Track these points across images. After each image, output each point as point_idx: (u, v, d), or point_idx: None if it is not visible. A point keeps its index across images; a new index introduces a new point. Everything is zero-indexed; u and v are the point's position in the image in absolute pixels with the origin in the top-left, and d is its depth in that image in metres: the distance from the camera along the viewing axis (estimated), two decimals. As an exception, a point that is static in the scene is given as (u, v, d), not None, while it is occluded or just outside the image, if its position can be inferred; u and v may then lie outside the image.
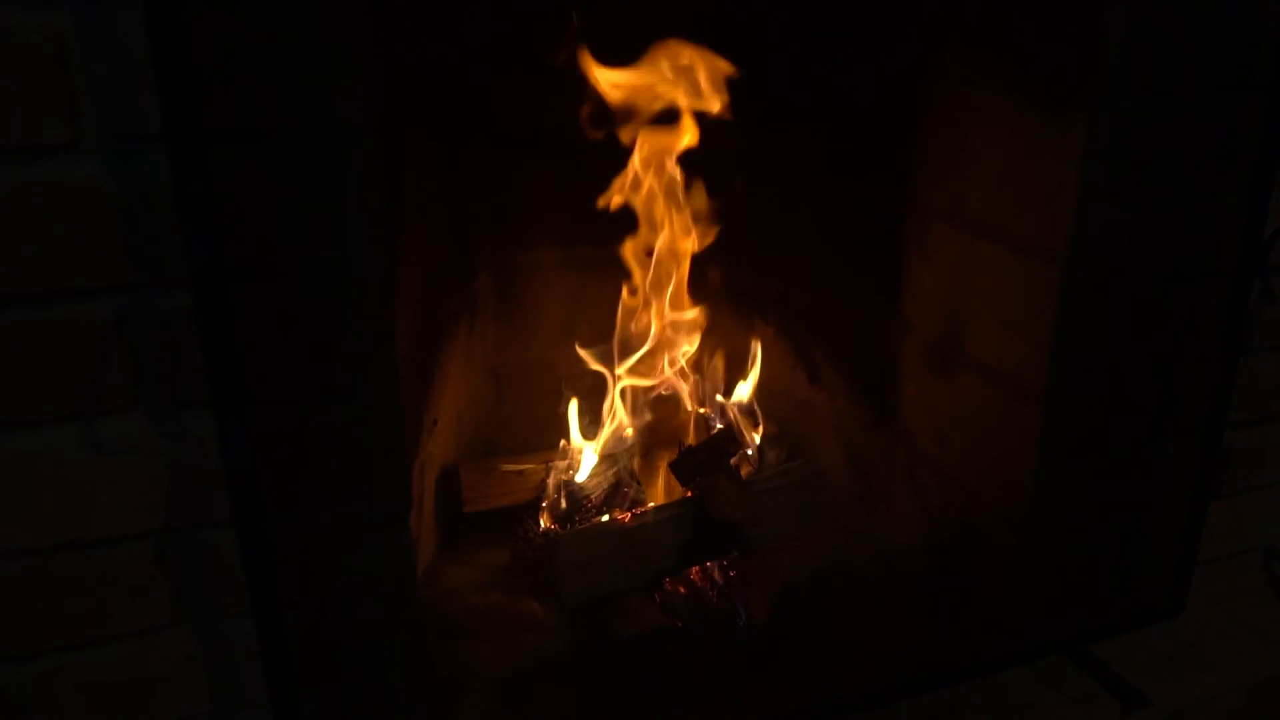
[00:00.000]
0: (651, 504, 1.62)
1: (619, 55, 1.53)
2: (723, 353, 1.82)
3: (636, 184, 1.65)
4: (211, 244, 0.88)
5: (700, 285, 1.77)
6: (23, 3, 0.83)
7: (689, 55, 1.55)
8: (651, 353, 1.74)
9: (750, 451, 1.77)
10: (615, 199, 1.65)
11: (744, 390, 1.80)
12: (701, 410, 1.77)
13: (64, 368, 0.93)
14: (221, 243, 0.90)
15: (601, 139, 1.57)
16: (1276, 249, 1.33)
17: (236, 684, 1.10)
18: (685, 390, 1.77)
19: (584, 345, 1.73)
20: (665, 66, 1.54)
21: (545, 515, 1.65)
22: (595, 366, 1.72)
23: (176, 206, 0.89)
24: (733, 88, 1.57)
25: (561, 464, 1.71)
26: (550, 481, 1.69)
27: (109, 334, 0.93)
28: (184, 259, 0.91)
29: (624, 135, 1.59)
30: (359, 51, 0.92)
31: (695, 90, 1.57)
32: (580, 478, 1.68)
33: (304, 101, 0.92)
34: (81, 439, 0.95)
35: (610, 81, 1.53)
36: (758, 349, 1.82)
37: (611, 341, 1.73)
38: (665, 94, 1.57)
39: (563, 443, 1.74)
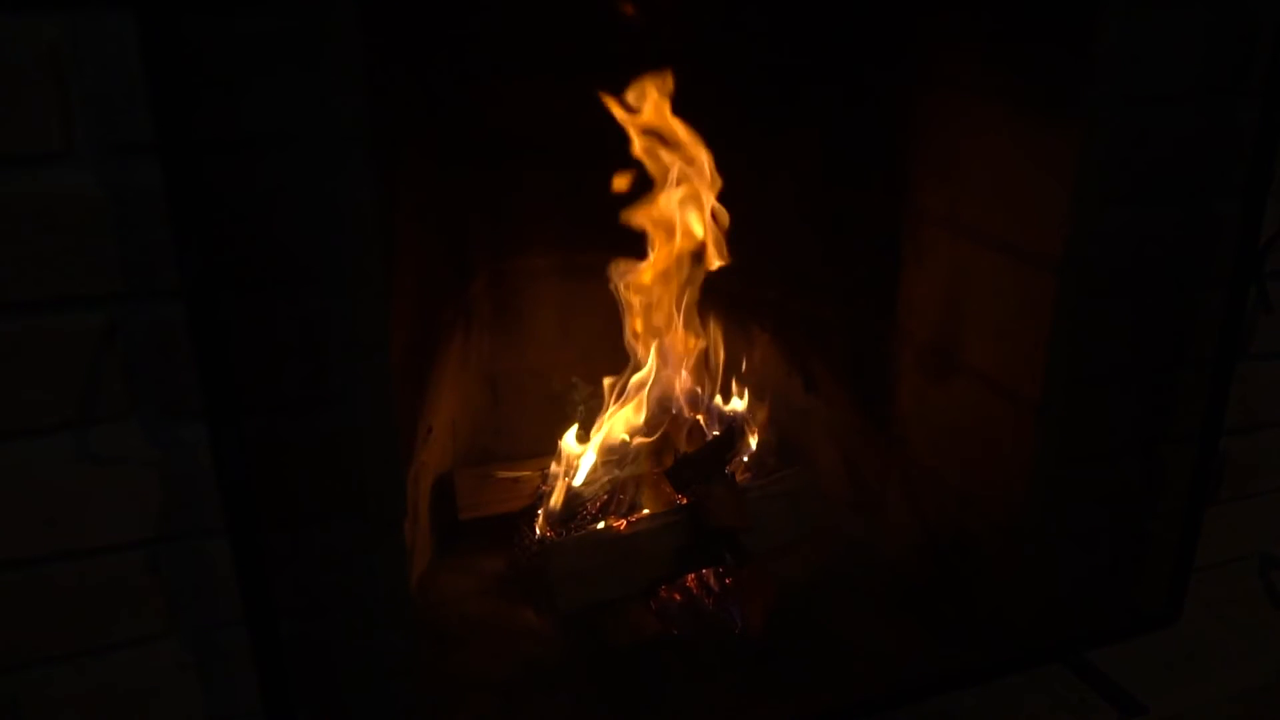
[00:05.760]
0: (647, 511, 1.62)
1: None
2: (720, 359, 1.82)
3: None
4: (204, 253, 0.88)
5: (699, 291, 1.77)
6: (14, 11, 0.83)
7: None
8: (651, 360, 1.73)
9: (746, 458, 1.77)
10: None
11: (740, 397, 1.80)
12: (698, 417, 1.77)
13: (56, 377, 0.93)
14: (214, 252, 0.90)
15: (597, 147, 1.57)
16: (1272, 255, 1.33)
17: (231, 694, 1.09)
18: (682, 397, 1.77)
19: (580, 352, 1.73)
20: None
21: (541, 522, 1.64)
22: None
23: (169, 216, 0.90)
24: (731, 95, 1.58)
25: (557, 471, 1.71)
26: (546, 488, 1.69)
27: (101, 343, 0.93)
28: (176, 268, 0.91)
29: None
30: (352, 60, 0.92)
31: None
32: (576, 484, 1.67)
33: (297, 111, 0.92)
34: (74, 449, 0.95)
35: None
36: (748, 356, 1.82)
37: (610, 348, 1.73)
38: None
39: (558, 449, 1.74)
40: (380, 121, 1.07)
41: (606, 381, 1.73)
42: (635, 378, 1.72)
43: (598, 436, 1.72)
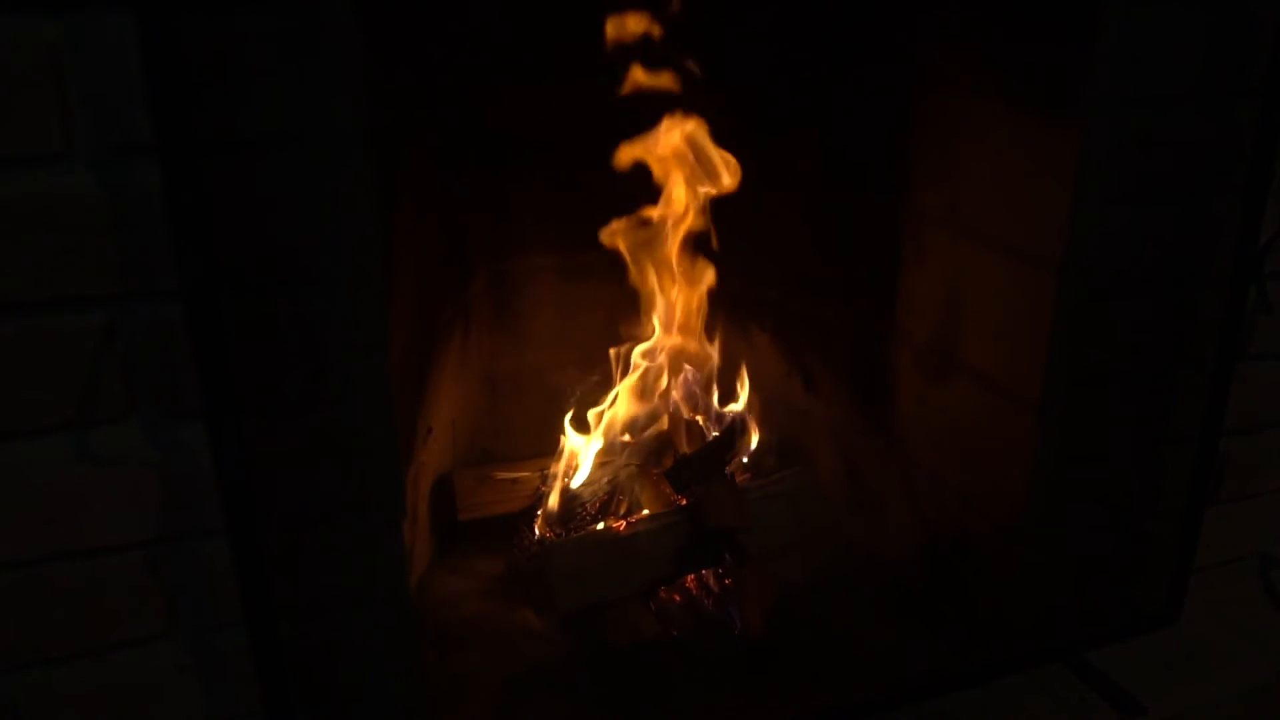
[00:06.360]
0: (646, 512, 1.62)
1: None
2: (719, 360, 1.82)
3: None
4: (203, 254, 0.88)
5: (700, 292, 1.77)
6: (13, 11, 0.83)
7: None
8: (651, 360, 1.73)
9: (746, 459, 1.77)
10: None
11: (740, 397, 1.80)
12: (698, 418, 1.77)
13: (56, 378, 0.93)
14: (213, 253, 0.90)
15: (597, 147, 1.57)
16: (1272, 256, 1.33)
17: (230, 695, 1.09)
18: (681, 398, 1.76)
19: (580, 352, 1.73)
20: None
21: (540, 523, 1.64)
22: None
23: (168, 217, 0.90)
24: (730, 95, 1.58)
25: (556, 471, 1.71)
26: (545, 489, 1.69)
27: (100, 344, 0.92)
28: (176, 269, 0.91)
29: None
30: (352, 61, 0.92)
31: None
32: (575, 485, 1.67)
33: (296, 111, 0.91)
34: (73, 449, 0.95)
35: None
36: (747, 356, 1.82)
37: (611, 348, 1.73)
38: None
39: (558, 450, 1.73)
40: (380, 121, 1.07)
41: (613, 352, 1.73)
42: (641, 347, 1.72)
43: (598, 438, 1.71)
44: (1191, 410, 1.40)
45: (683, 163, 1.63)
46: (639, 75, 1.56)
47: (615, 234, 1.65)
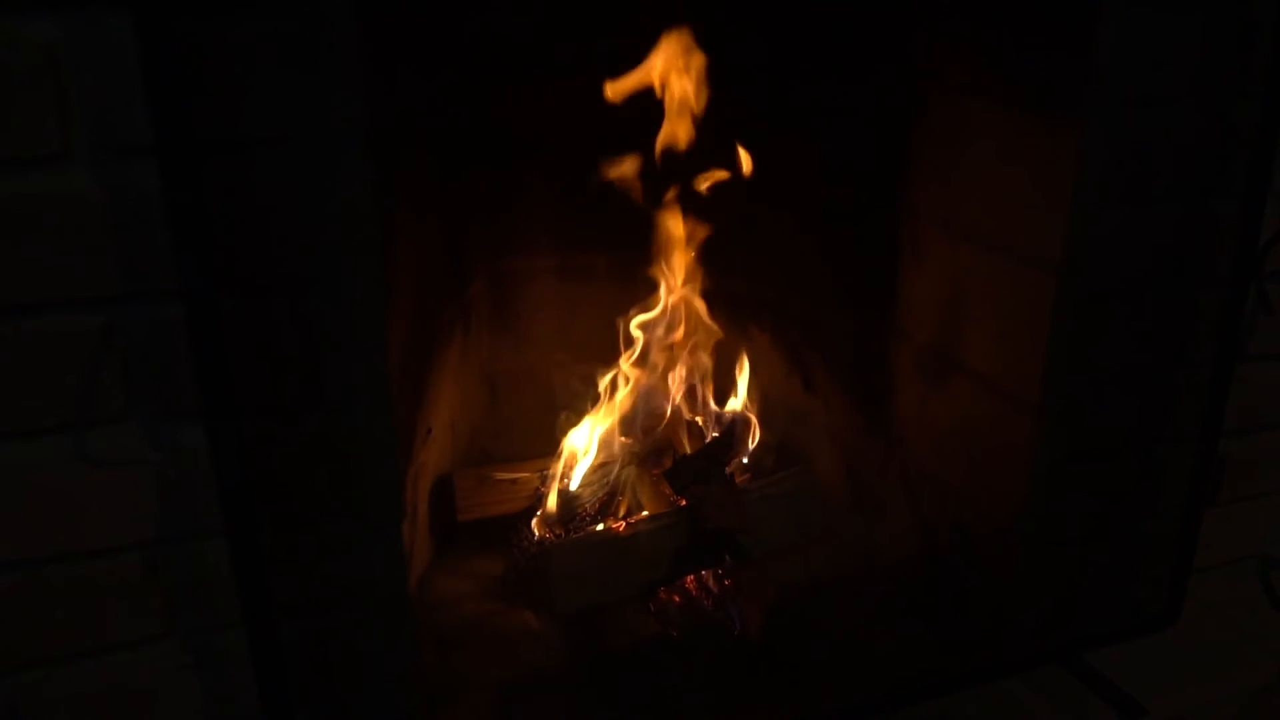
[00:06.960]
0: (646, 512, 1.62)
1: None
2: (718, 359, 1.81)
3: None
4: (202, 255, 0.88)
5: (699, 293, 1.76)
6: (13, 12, 0.83)
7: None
8: (649, 361, 1.73)
9: (745, 459, 1.77)
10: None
11: (739, 398, 1.80)
12: (696, 418, 1.77)
13: (55, 379, 0.93)
14: (212, 254, 0.90)
15: (598, 147, 1.57)
16: (1271, 257, 1.33)
17: (229, 696, 1.09)
18: (680, 398, 1.76)
19: (580, 353, 1.73)
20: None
21: (539, 524, 1.64)
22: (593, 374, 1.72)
23: (168, 218, 0.90)
24: (729, 94, 1.58)
25: (555, 472, 1.71)
26: (544, 490, 1.69)
27: (100, 345, 0.93)
28: (175, 270, 0.91)
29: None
30: (351, 62, 0.92)
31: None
32: (574, 486, 1.67)
33: (295, 113, 0.92)
34: (73, 450, 0.95)
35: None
36: (747, 356, 1.82)
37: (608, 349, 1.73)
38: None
39: (557, 450, 1.73)
40: (380, 122, 1.07)
41: (619, 322, 1.71)
42: (641, 317, 1.70)
43: (597, 439, 1.71)
44: (1191, 410, 1.39)
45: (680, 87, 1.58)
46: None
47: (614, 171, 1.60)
